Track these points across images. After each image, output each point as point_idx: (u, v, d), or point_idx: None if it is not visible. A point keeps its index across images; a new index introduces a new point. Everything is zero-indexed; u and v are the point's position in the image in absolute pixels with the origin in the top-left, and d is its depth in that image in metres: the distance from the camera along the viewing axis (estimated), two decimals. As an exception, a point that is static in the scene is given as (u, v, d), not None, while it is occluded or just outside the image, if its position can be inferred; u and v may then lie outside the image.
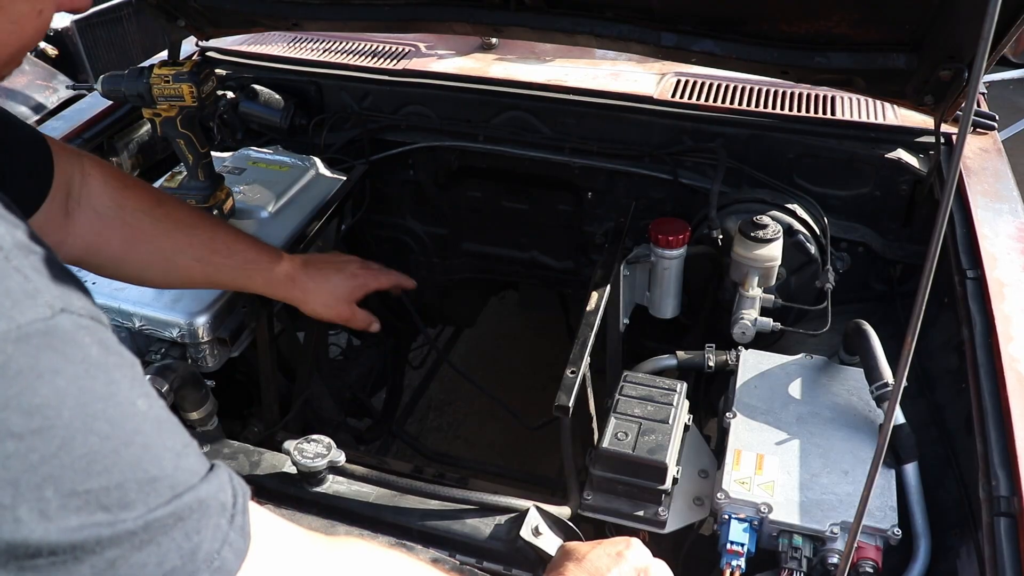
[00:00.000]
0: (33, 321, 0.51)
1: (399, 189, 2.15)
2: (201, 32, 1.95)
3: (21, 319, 0.51)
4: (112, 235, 1.22)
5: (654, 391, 1.33)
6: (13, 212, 0.58)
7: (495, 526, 1.18)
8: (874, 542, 1.13)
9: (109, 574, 0.51)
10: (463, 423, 2.99)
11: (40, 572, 0.49)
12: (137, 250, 1.26)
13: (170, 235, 1.28)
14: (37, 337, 0.51)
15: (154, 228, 1.26)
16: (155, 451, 0.56)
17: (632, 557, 1.01)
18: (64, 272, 0.57)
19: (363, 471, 1.25)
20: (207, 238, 1.33)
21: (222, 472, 0.60)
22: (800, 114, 1.79)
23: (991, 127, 1.79)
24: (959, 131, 0.61)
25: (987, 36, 0.56)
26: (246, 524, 0.60)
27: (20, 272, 0.53)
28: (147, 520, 0.53)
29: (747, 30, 1.47)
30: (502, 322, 3.37)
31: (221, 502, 0.59)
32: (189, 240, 1.30)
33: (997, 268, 1.35)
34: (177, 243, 1.29)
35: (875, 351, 1.31)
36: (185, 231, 1.30)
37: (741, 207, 1.72)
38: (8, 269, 0.53)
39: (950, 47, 1.33)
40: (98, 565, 0.51)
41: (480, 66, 2.04)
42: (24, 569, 0.48)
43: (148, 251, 1.27)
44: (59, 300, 0.54)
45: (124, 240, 1.24)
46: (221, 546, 0.57)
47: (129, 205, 1.24)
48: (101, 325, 0.57)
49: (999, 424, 1.09)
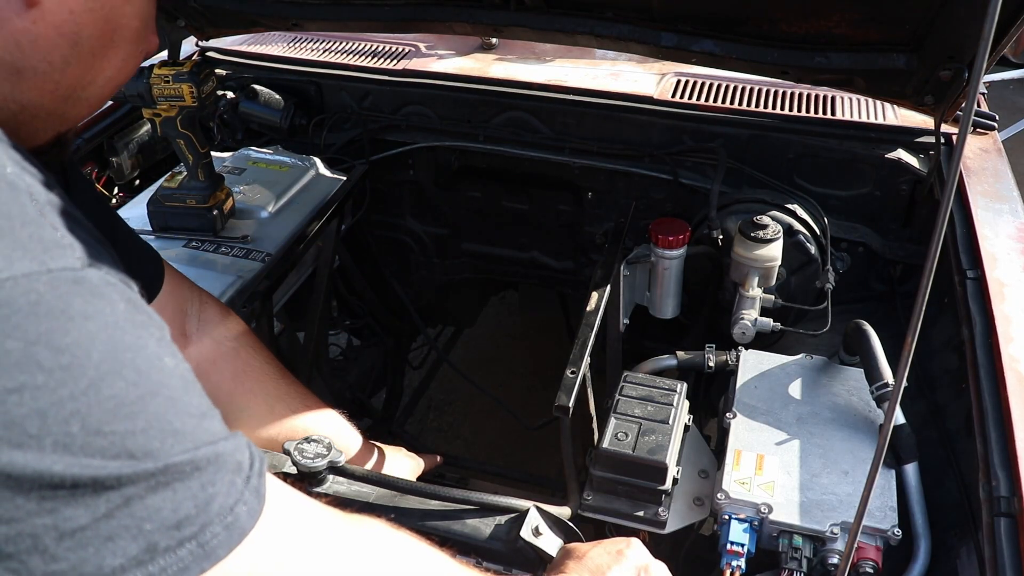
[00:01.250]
0: (64, 268, 0.53)
1: (399, 189, 2.15)
2: (201, 32, 1.95)
3: (52, 264, 0.52)
4: (225, 366, 1.20)
5: (654, 391, 1.33)
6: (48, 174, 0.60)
7: (495, 526, 1.17)
8: (874, 542, 1.13)
9: (123, 511, 0.52)
10: (463, 423, 2.99)
11: (59, 502, 0.50)
12: (244, 387, 1.21)
13: (275, 379, 1.24)
14: (67, 284, 0.53)
15: (262, 369, 1.23)
16: (180, 406, 0.57)
17: (632, 556, 1.02)
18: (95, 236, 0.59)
19: (363, 471, 1.24)
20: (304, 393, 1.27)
21: (240, 438, 0.62)
22: (800, 114, 1.79)
23: (991, 127, 1.79)
24: (959, 131, 0.61)
25: (987, 36, 0.56)
26: (261, 487, 0.62)
27: (53, 226, 0.55)
28: (166, 463, 0.54)
29: (747, 30, 1.47)
30: (502, 322, 3.37)
31: (238, 461, 0.60)
32: (289, 389, 1.25)
33: (997, 268, 1.34)
34: (280, 388, 1.24)
35: (875, 351, 1.30)
36: (287, 380, 1.26)
37: (741, 207, 1.72)
38: (41, 220, 0.54)
39: (950, 47, 1.33)
40: (114, 500, 0.52)
41: (480, 66, 2.04)
42: (44, 499, 0.50)
43: (254, 390, 1.22)
44: (89, 257, 0.55)
45: (235, 374, 1.20)
46: (235, 503, 0.58)
47: (244, 340, 1.22)
48: (129, 287, 0.58)
49: (999, 424, 1.09)
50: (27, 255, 0.52)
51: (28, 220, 0.54)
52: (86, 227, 0.59)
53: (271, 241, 1.67)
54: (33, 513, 0.49)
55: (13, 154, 0.59)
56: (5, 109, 0.69)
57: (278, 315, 1.72)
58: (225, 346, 1.20)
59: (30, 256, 0.52)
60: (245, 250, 1.64)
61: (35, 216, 0.54)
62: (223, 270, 1.56)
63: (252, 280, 1.57)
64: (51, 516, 0.50)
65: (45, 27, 0.67)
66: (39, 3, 0.65)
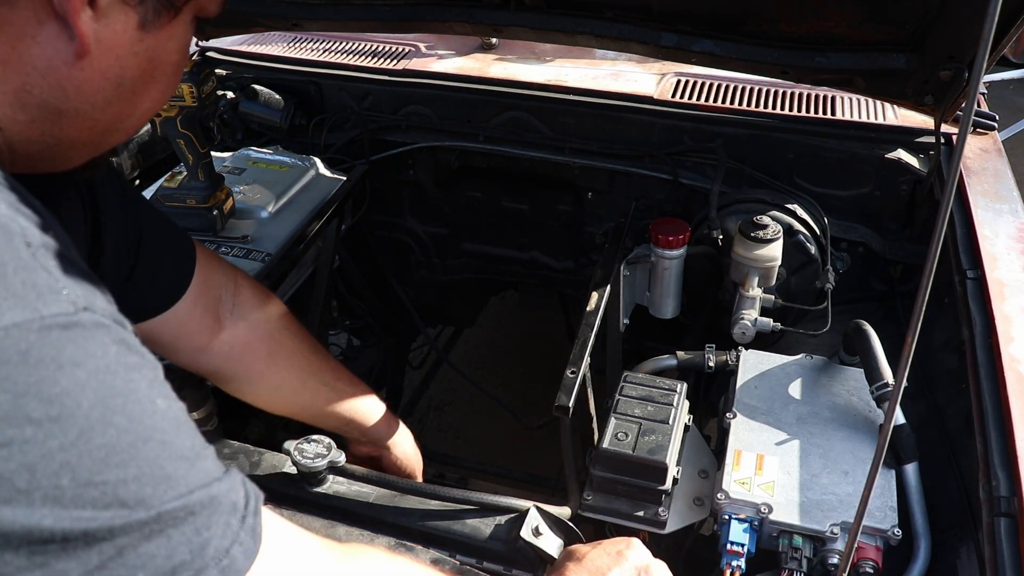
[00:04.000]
0: (56, 315, 0.53)
1: (399, 189, 2.15)
2: (201, 32, 1.95)
3: (45, 311, 0.52)
4: (260, 347, 1.22)
5: (654, 391, 1.33)
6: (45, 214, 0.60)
7: (495, 526, 1.18)
8: (874, 542, 1.13)
9: (116, 562, 0.52)
10: (463, 423, 2.99)
11: (49, 556, 0.49)
12: (278, 365, 1.24)
13: (307, 356, 1.27)
14: (59, 330, 0.52)
15: (296, 347, 1.26)
16: (172, 449, 0.56)
17: (633, 556, 1.02)
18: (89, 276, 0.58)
19: (363, 471, 1.25)
20: (335, 366, 1.33)
21: (235, 476, 0.61)
22: (800, 114, 1.79)
23: (991, 127, 1.79)
24: (959, 131, 0.61)
25: (987, 36, 0.56)
26: (257, 526, 0.61)
27: (46, 269, 0.55)
28: (159, 511, 0.54)
29: (747, 30, 1.47)
30: (502, 322, 3.37)
31: (232, 502, 0.59)
32: (321, 364, 1.29)
33: (997, 268, 1.34)
34: (311, 364, 1.28)
35: (875, 351, 1.30)
36: (320, 355, 1.30)
37: (741, 207, 1.72)
38: (35, 264, 0.54)
39: (950, 47, 1.33)
40: (106, 551, 0.51)
41: (480, 66, 2.04)
42: (34, 554, 0.49)
43: (287, 366, 1.25)
44: (83, 299, 0.55)
45: (269, 353, 1.23)
46: (231, 544, 0.58)
47: (277, 321, 1.25)
48: (123, 327, 0.58)
49: (999, 424, 1.09)
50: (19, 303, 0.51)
51: (21, 265, 0.53)
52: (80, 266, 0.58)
53: (271, 241, 1.67)
54: (23, 568, 0.49)
55: (8, 195, 0.58)
56: (41, 142, 0.69)
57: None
58: (260, 328, 1.22)
59: (23, 304, 0.51)
60: (245, 250, 1.64)
61: (28, 260, 0.54)
62: (223, 270, 1.56)
63: (252, 280, 1.57)
64: (41, 570, 0.49)
65: (91, 73, 0.67)
66: (89, 53, 0.65)
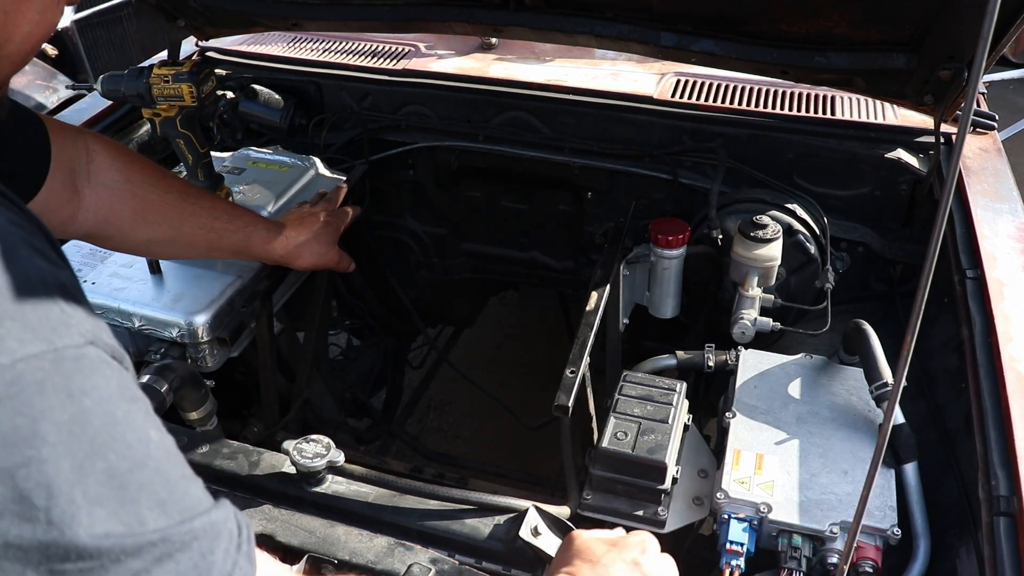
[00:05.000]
0: (68, 346, 0.56)
1: (399, 189, 2.15)
2: (201, 32, 1.96)
3: (59, 343, 0.55)
4: (123, 207, 1.28)
5: (654, 391, 1.33)
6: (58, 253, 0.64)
7: (494, 526, 1.18)
8: (874, 542, 1.13)
9: None
10: (463, 423, 2.99)
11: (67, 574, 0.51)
12: (146, 219, 1.32)
13: (176, 205, 1.34)
14: (70, 361, 0.56)
15: (161, 199, 1.32)
16: (165, 477, 0.59)
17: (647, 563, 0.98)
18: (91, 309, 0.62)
19: (362, 471, 1.25)
20: (209, 206, 1.40)
21: (227, 505, 0.63)
22: (800, 114, 1.79)
23: (991, 127, 1.79)
24: (959, 131, 0.61)
25: (987, 36, 0.56)
26: (251, 553, 0.63)
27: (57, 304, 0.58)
28: (164, 535, 0.55)
29: (747, 30, 1.47)
30: (502, 322, 3.37)
31: (229, 529, 0.62)
32: (193, 209, 1.37)
33: (997, 268, 1.35)
34: (182, 212, 1.35)
35: (875, 351, 1.31)
36: (190, 201, 1.37)
37: (741, 207, 1.72)
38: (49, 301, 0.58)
39: (950, 47, 1.33)
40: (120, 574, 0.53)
41: (480, 66, 2.04)
42: (54, 572, 0.50)
43: (156, 220, 1.33)
44: (89, 333, 0.58)
45: (134, 211, 1.30)
46: (232, 569, 0.60)
47: (136, 178, 1.30)
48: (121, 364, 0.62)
49: (999, 424, 1.09)
50: (36, 336, 0.54)
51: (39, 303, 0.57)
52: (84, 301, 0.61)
53: (271, 241, 1.67)
54: None
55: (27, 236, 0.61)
56: None
57: (278, 315, 1.72)
58: (121, 189, 1.28)
59: (39, 337, 0.55)
60: (245, 250, 1.64)
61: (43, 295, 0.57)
62: (223, 270, 1.56)
63: (252, 280, 1.57)
64: None
65: None
66: None
